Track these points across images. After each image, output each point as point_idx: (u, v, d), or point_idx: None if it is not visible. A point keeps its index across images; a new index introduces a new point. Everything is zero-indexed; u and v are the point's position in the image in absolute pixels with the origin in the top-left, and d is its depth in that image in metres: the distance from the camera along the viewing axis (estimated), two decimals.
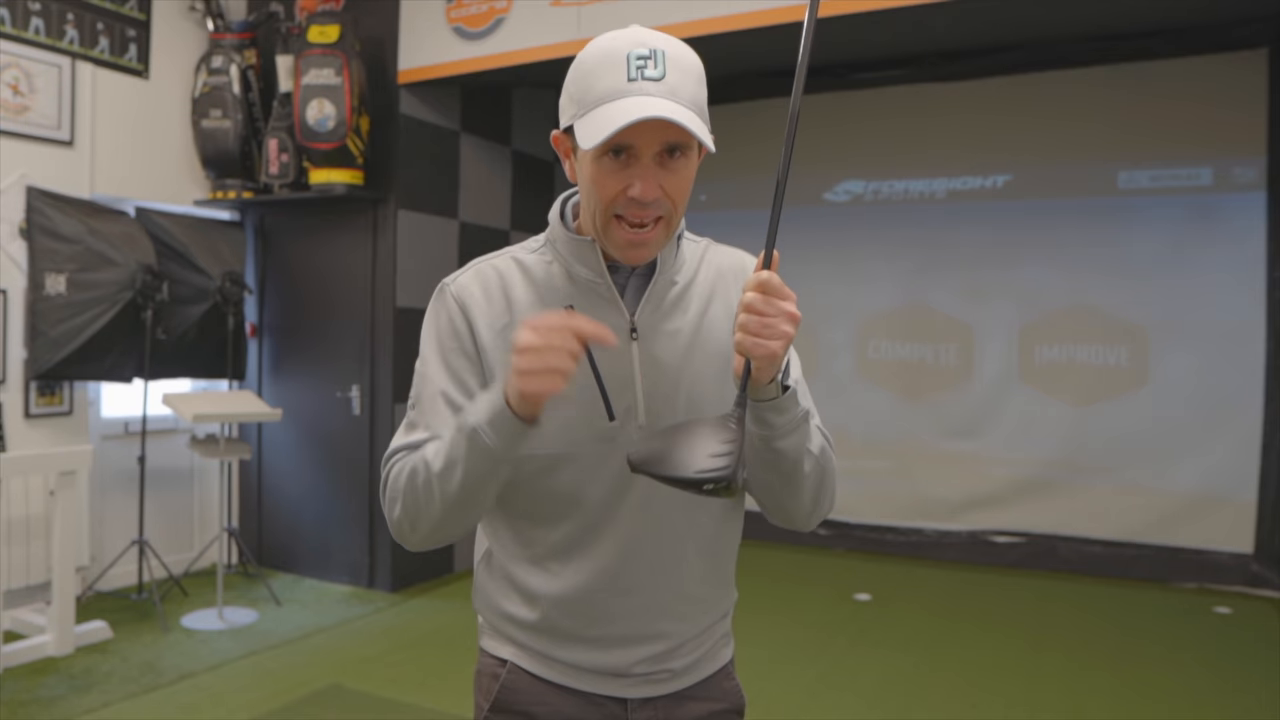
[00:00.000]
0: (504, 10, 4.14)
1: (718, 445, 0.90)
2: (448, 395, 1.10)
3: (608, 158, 1.00)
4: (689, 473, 0.89)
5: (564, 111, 1.04)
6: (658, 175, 1.00)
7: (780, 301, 0.94)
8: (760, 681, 3.40)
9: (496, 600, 1.18)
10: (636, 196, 1.00)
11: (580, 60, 1.02)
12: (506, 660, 1.17)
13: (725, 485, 0.88)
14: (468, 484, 1.01)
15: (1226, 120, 4.70)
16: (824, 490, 1.12)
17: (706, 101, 1.04)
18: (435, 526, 1.06)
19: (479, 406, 0.99)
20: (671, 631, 1.14)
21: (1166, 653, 3.75)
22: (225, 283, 4.41)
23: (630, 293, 1.11)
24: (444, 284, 1.15)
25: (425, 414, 1.10)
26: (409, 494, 1.06)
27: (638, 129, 0.96)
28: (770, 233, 0.97)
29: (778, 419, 1.02)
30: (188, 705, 3.15)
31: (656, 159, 1.00)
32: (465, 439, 0.99)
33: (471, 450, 0.99)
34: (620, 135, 0.96)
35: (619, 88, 0.97)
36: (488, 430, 0.97)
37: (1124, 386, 4.93)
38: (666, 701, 1.15)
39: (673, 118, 0.95)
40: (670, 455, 0.91)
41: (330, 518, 4.70)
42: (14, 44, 3.90)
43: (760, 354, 0.93)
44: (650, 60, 0.98)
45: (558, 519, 1.11)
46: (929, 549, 5.27)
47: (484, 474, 1.00)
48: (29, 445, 3.94)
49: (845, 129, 5.48)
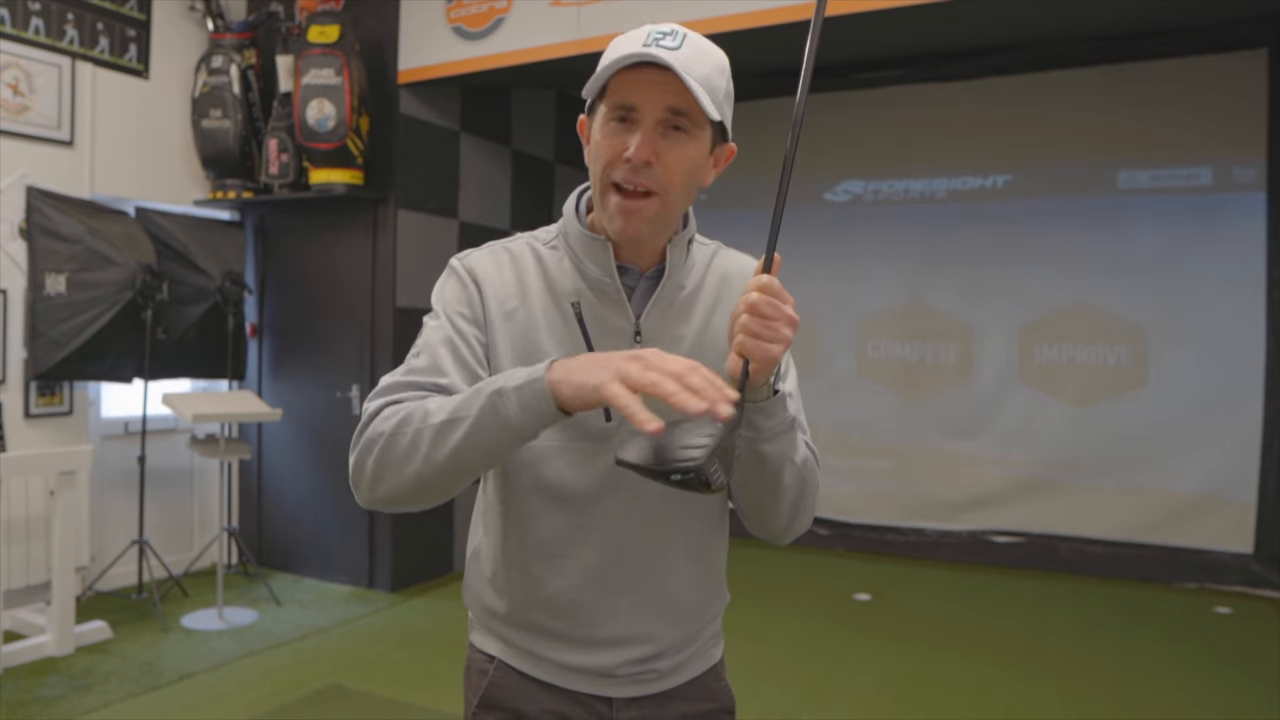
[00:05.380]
0: (504, 10, 4.14)
1: (695, 439, 0.89)
2: (453, 344, 1.05)
3: (614, 122, 1.01)
4: (659, 463, 0.88)
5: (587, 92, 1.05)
6: (656, 142, 1.01)
7: (781, 305, 0.94)
8: (759, 681, 3.40)
9: (484, 598, 1.18)
10: (630, 156, 1.00)
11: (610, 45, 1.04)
12: (494, 657, 1.17)
13: (693, 476, 0.86)
14: (462, 449, 0.92)
15: (1226, 120, 4.70)
16: (803, 503, 1.11)
17: (725, 94, 1.05)
18: (401, 488, 0.97)
19: (515, 373, 0.92)
20: (658, 634, 1.13)
21: (1166, 652, 3.75)
22: (225, 283, 4.41)
23: (637, 295, 1.11)
24: (457, 258, 1.14)
25: (430, 360, 1.04)
26: (391, 441, 0.96)
27: (641, 88, 0.97)
28: (771, 237, 0.97)
29: (765, 422, 1.02)
30: (188, 705, 3.15)
31: (658, 128, 1.01)
32: (485, 399, 0.92)
33: (484, 413, 0.91)
34: (624, 91, 0.97)
35: (633, 52, 0.98)
36: (513, 397, 0.90)
37: (1124, 386, 4.93)
38: (652, 701, 1.15)
39: (672, 65, 0.96)
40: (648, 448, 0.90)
41: (330, 518, 4.70)
42: (14, 44, 3.90)
43: (760, 356, 0.93)
44: (670, 35, 1.00)
45: (545, 517, 1.10)
46: (929, 549, 5.27)
47: (484, 447, 0.93)
48: (29, 445, 3.94)
49: (845, 129, 5.48)
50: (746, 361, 0.94)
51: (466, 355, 1.05)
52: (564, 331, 1.08)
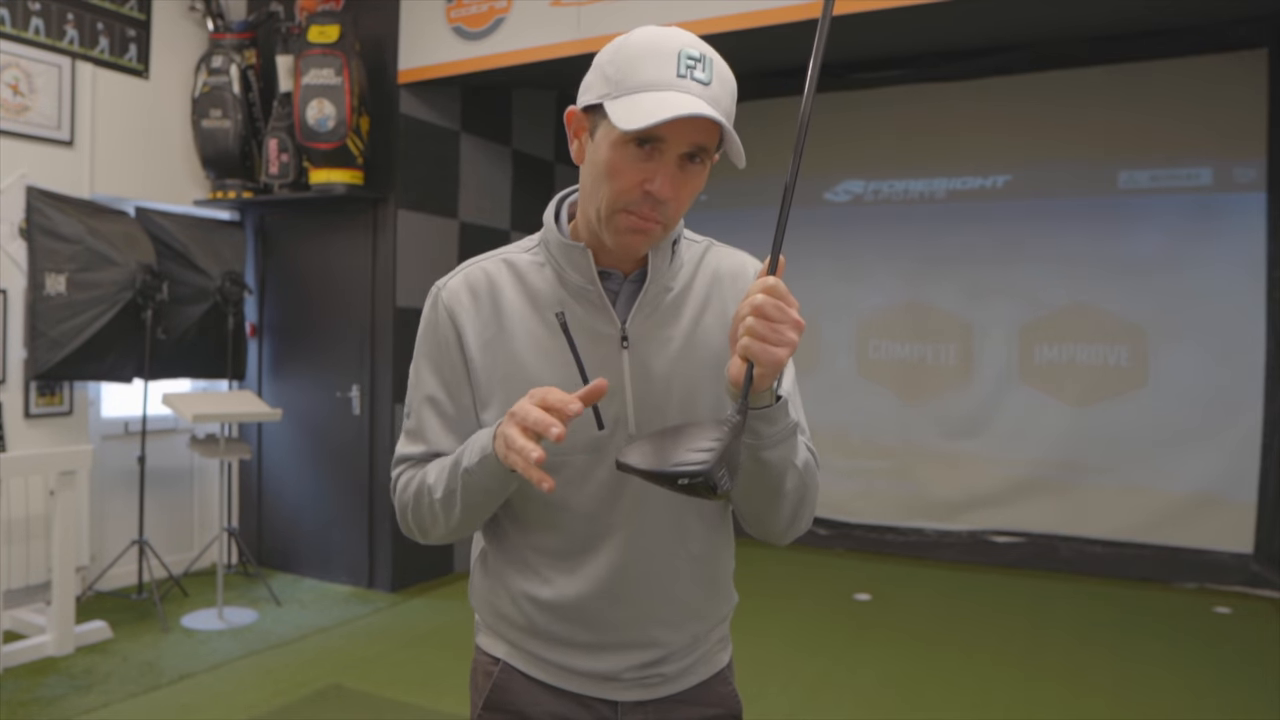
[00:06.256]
0: (504, 10, 4.14)
1: (701, 443, 0.88)
2: (435, 401, 1.13)
3: (632, 146, 0.98)
4: (665, 467, 0.87)
5: (591, 89, 1.01)
6: (676, 177, 0.99)
7: (787, 308, 0.92)
8: (760, 681, 3.40)
9: (490, 601, 1.18)
10: (654, 191, 0.98)
11: (624, 44, 1.00)
12: (500, 659, 1.17)
13: (701, 481, 0.86)
14: (468, 510, 1.07)
15: (1226, 120, 4.70)
16: (804, 506, 1.10)
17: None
18: (444, 536, 1.13)
19: (472, 447, 1.03)
20: (664, 639, 1.13)
21: (1166, 652, 3.75)
22: (225, 283, 4.41)
23: (622, 300, 1.10)
24: (436, 287, 1.15)
25: (417, 422, 1.15)
26: (416, 510, 1.13)
27: (674, 125, 0.95)
28: (777, 239, 0.95)
29: (768, 429, 1.00)
30: (188, 705, 3.15)
31: (679, 161, 0.99)
32: (460, 477, 1.04)
33: (467, 487, 1.04)
34: (662, 126, 0.94)
35: (667, 80, 0.95)
36: (477, 472, 1.02)
37: (1124, 386, 4.93)
38: (658, 705, 1.14)
39: (722, 120, 0.95)
40: (652, 452, 0.90)
41: (330, 518, 4.70)
42: (14, 44, 3.90)
43: (766, 360, 0.91)
44: (700, 64, 0.97)
45: (548, 527, 1.11)
46: (929, 549, 5.27)
47: (482, 503, 1.06)
48: (29, 445, 3.94)
49: (845, 129, 5.48)
50: (750, 365, 0.92)
51: (448, 410, 1.13)
52: (549, 343, 1.08)
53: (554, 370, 1.07)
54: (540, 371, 1.07)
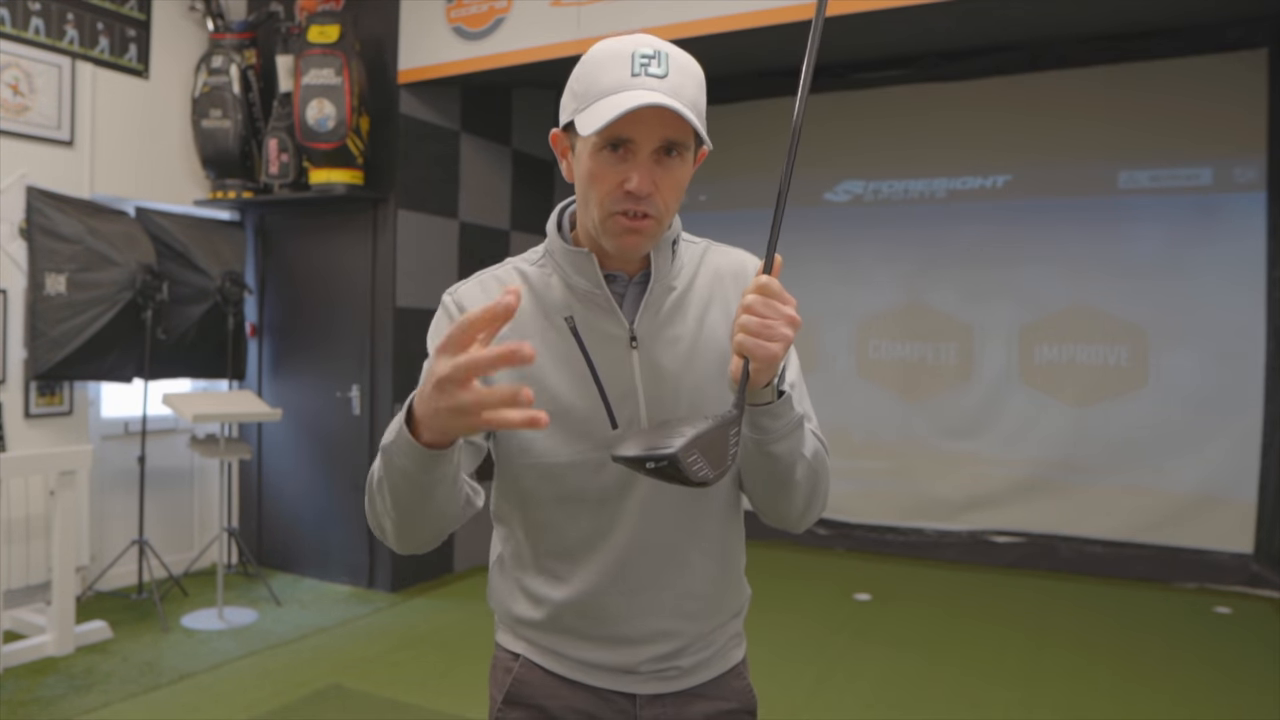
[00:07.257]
0: (504, 10, 4.14)
1: (681, 430, 0.90)
2: None
3: (606, 151, 1.01)
4: (638, 452, 0.90)
5: (565, 109, 1.05)
6: (653, 172, 1.01)
7: (781, 305, 0.95)
8: (760, 681, 3.38)
9: (507, 603, 1.20)
10: (633, 189, 1.00)
11: (585, 60, 1.04)
12: (519, 655, 1.19)
13: (666, 465, 0.88)
14: (398, 497, 0.97)
15: (1226, 120, 4.70)
16: (816, 494, 1.13)
17: (705, 109, 1.05)
18: (396, 531, 1.03)
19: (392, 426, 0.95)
20: (679, 631, 1.15)
21: (1166, 652, 3.75)
22: (225, 283, 4.41)
23: (628, 302, 1.12)
24: (449, 293, 1.17)
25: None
26: (370, 500, 1.05)
27: (637, 122, 0.97)
28: (772, 239, 0.98)
29: (773, 424, 1.02)
30: (188, 705, 3.15)
31: (654, 156, 1.01)
32: (380, 459, 0.98)
33: (389, 469, 0.96)
34: (621, 125, 0.97)
35: (623, 82, 0.98)
36: (392, 451, 0.93)
37: (1124, 386, 4.93)
38: (675, 699, 1.17)
39: (674, 106, 0.96)
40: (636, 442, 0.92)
41: (330, 518, 4.70)
42: (14, 44, 3.90)
43: (760, 355, 0.94)
44: (654, 60, 0.99)
45: (563, 526, 1.13)
46: (929, 549, 5.27)
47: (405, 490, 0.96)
48: (29, 445, 3.94)
49: (845, 129, 5.48)
50: (747, 361, 0.95)
51: None
52: (561, 347, 1.09)
53: (566, 373, 1.09)
54: (552, 375, 1.09)
